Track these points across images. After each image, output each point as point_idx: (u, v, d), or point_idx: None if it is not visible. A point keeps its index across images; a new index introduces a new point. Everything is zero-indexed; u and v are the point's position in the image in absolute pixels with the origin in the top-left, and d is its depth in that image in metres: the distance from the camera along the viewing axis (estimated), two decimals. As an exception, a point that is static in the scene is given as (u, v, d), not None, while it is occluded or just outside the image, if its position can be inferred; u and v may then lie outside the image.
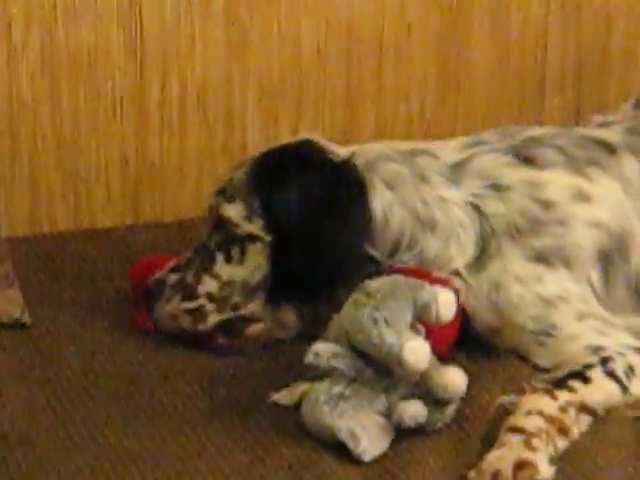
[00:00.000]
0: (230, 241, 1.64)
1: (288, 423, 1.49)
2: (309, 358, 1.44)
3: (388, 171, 1.67)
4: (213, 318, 1.63)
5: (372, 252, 1.62)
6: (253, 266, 1.63)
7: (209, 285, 1.64)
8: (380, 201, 1.64)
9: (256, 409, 1.53)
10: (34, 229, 2.05)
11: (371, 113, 2.20)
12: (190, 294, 1.64)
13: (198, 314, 1.64)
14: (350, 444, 1.38)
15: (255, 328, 1.64)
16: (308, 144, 1.66)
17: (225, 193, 1.67)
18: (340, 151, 1.70)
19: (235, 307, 1.64)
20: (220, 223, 1.65)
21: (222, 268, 1.64)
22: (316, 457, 1.42)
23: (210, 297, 1.64)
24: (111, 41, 2.00)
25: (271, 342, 1.68)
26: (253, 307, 1.64)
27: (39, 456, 1.39)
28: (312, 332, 1.56)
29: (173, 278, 1.67)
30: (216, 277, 1.64)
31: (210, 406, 1.55)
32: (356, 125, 2.19)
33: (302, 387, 1.50)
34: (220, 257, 1.64)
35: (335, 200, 1.58)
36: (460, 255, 1.68)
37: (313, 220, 1.55)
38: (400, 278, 1.49)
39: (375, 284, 1.47)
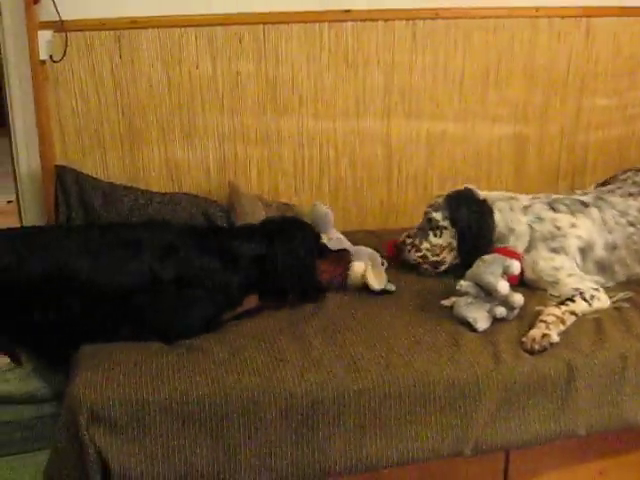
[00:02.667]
0: (435, 228, 2.64)
1: (448, 315, 2.38)
2: (457, 286, 2.38)
3: (499, 205, 2.61)
4: (428, 259, 2.66)
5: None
6: (445, 240, 2.64)
7: (426, 245, 2.66)
8: (496, 218, 2.57)
9: (432, 307, 2.45)
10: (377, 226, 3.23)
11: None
12: (418, 249, 2.66)
13: (422, 258, 2.66)
14: (473, 323, 2.30)
15: (441, 268, 2.64)
16: (469, 189, 2.66)
17: (433, 206, 2.64)
18: (480, 193, 2.64)
19: (438, 259, 2.66)
20: (430, 220, 2.63)
21: (432, 239, 2.65)
22: (458, 329, 2.30)
23: (427, 250, 2.66)
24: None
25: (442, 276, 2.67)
26: (447, 258, 2.67)
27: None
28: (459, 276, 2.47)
29: (409, 241, 2.68)
30: (429, 242, 2.65)
31: (411, 303, 2.51)
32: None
33: (454, 298, 2.40)
34: (431, 234, 2.66)
35: (481, 216, 2.58)
36: (522, 245, 2.58)
37: (471, 224, 2.59)
38: (497, 255, 2.42)
39: (485, 257, 2.42)
